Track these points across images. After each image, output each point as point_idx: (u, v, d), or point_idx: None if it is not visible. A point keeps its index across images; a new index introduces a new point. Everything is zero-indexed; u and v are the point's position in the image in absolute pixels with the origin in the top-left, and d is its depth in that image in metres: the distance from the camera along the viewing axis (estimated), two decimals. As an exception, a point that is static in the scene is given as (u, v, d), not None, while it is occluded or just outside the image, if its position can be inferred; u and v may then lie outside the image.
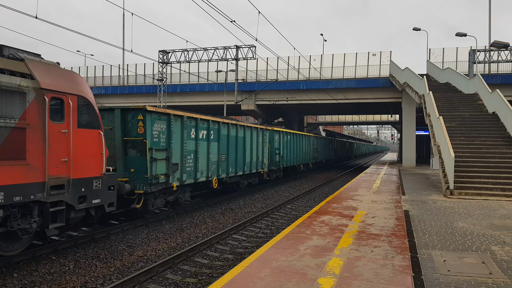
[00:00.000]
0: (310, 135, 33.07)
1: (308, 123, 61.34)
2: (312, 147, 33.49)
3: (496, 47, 20.29)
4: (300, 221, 9.36)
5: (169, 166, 12.34)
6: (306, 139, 31.56)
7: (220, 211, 14.92)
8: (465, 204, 12.08)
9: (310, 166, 34.06)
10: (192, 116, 13.73)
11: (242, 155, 18.29)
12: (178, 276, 7.94)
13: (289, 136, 26.52)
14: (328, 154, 41.95)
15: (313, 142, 34.08)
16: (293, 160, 27.65)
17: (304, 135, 30.76)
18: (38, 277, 7.60)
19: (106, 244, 9.92)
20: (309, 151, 32.51)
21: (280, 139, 24.58)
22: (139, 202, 11.44)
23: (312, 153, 33.81)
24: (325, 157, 39.98)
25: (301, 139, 29.91)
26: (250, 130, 19.35)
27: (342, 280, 5.37)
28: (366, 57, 35.50)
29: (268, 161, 22.07)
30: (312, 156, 33.65)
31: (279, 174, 25.44)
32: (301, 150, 29.75)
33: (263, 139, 21.38)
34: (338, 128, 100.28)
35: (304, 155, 30.61)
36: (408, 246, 7.12)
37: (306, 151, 31.39)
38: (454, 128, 19.15)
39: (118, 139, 11.49)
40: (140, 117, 11.41)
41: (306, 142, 31.44)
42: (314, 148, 34.55)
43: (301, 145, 29.70)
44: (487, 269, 5.92)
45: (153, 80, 39.84)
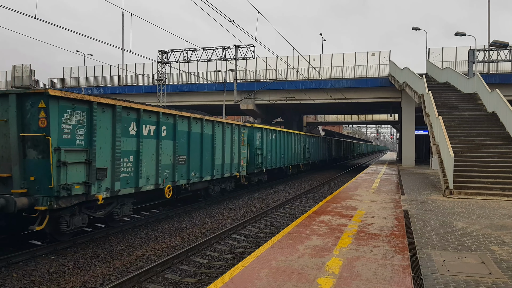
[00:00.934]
0: (300, 133, 30.37)
1: (307, 123, 61.32)
2: (302, 146, 30.82)
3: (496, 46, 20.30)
4: (299, 221, 9.35)
5: (90, 172, 9.36)
6: (296, 138, 28.92)
7: (220, 211, 14.92)
8: (465, 204, 12.08)
9: (300, 168, 31.10)
10: (131, 107, 10.72)
11: (210, 156, 15.27)
12: (178, 276, 7.94)
13: (274, 134, 24.01)
14: (322, 155, 39.36)
15: (304, 142, 31.48)
16: (280, 161, 25.07)
17: (292, 134, 28.05)
18: (37, 277, 7.59)
19: (105, 244, 9.90)
20: (299, 152, 29.90)
21: (262, 137, 22.05)
22: (41, 223, 8.54)
23: (303, 154, 31.12)
24: (318, 158, 37.37)
25: (289, 138, 27.26)
26: (221, 126, 16.17)
27: (341, 280, 5.37)
28: (365, 56, 35.51)
29: (247, 163, 19.23)
30: (302, 156, 31.09)
31: (262, 177, 22.74)
32: (290, 150, 27.25)
33: (240, 138, 18.29)
34: (337, 128, 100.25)
35: (293, 155, 28.11)
36: (407, 246, 7.12)
37: (296, 151, 28.88)
38: (454, 127, 19.15)
39: (14, 135, 8.68)
40: (41, 105, 8.51)
41: (295, 142, 28.85)
42: (305, 148, 31.93)
43: (289, 144, 27.16)
44: (486, 269, 5.92)
45: (152, 80, 39.82)
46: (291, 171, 28.32)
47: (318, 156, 36.85)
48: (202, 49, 31.85)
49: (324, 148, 40.07)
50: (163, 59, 32.47)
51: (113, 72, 42.45)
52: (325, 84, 34.39)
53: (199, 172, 14.52)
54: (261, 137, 21.92)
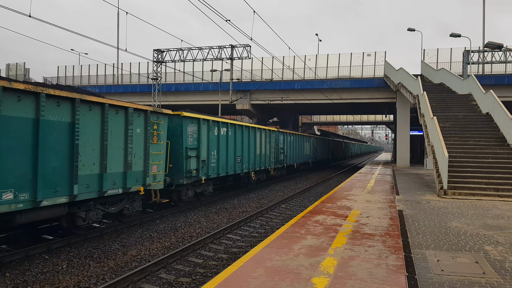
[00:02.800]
0: (272, 130, 24.38)
1: (303, 123, 61.40)
2: (273, 146, 24.42)
3: (490, 48, 20.40)
4: (294, 220, 9.36)
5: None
6: (264, 135, 22.57)
7: (215, 211, 14.89)
8: (459, 204, 12.13)
9: (271, 174, 24.77)
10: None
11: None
12: (172, 275, 7.91)
13: (224, 129, 17.15)
14: (304, 156, 33.63)
15: (277, 140, 25.63)
16: (232, 166, 18.05)
17: (260, 129, 21.89)
18: (30, 276, 7.54)
19: (99, 244, 9.86)
20: (269, 153, 23.61)
21: (200, 133, 14.90)
22: None
23: (275, 155, 24.97)
24: (298, 160, 31.27)
25: (251, 135, 20.44)
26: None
27: (336, 280, 5.37)
28: (361, 57, 35.63)
29: (164, 171, 12.62)
30: (274, 159, 24.74)
31: (202, 189, 15.95)
32: (252, 151, 20.73)
33: (148, 132, 11.61)
34: (333, 128, 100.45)
35: (258, 158, 21.61)
36: (402, 246, 7.14)
37: (264, 152, 22.58)
38: (448, 128, 19.23)
39: None
40: None
41: (263, 140, 22.31)
42: (279, 149, 25.94)
43: (251, 143, 20.40)
44: (480, 269, 5.94)
45: (147, 79, 39.71)
46: (254, 178, 21.47)
47: (297, 158, 30.93)
48: (198, 49, 31.80)
49: (306, 148, 34.42)
50: (158, 58, 32.38)
51: (108, 71, 42.31)
52: (320, 85, 34.44)
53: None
54: (197, 132, 14.82)
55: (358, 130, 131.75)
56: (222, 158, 16.94)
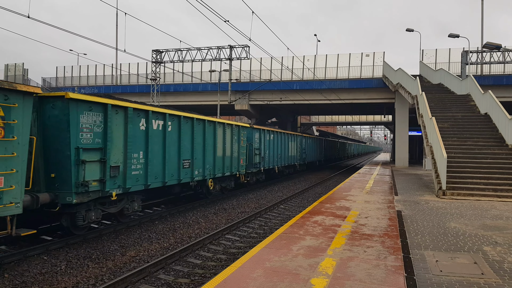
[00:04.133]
0: (243, 126, 19.40)
1: (301, 123, 61.44)
2: (244, 147, 19.63)
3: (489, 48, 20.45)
4: (293, 221, 9.36)
5: None
6: (230, 132, 17.77)
7: (213, 211, 14.89)
8: (457, 205, 12.15)
9: (241, 181, 19.74)
10: None
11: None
12: (171, 276, 7.91)
13: (170, 123, 13.01)
14: (289, 158, 29.07)
15: (250, 139, 21.19)
16: (172, 174, 13.20)
17: (223, 124, 16.98)
18: (29, 277, 7.53)
19: (98, 244, 9.85)
20: (238, 155, 18.69)
21: (110, 127, 10.23)
22: None
23: (247, 158, 20.49)
24: (281, 162, 26.86)
25: (211, 132, 15.89)
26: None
27: (335, 281, 5.37)
28: (360, 57, 35.67)
29: (28, 184, 8.47)
30: (246, 162, 20.24)
31: (125, 207, 11.45)
32: (211, 152, 15.87)
33: None
34: (332, 129, 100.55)
35: (223, 161, 16.98)
36: (400, 247, 7.14)
37: (230, 154, 17.76)
38: (447, 128, 19.26)
39: None
40: None
41: (228, 138, 17.53)
42: (253, 149, 21.22)
43: (209, 142, 15.76)
44: (479, 270, 5.95)
45: (146, 79, 39.69)
46: (214, 188, 16.67)
47: (279, 160, 26.30)
48: (197, 49, 31.80)
49: (292, 148, 29.95)
50: (157, 58, 32.37)
51: (107, 71, 42.27)
52: (319, 85, 34.46)
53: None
54: (102, 124, 10.04)
55: (357, 130, 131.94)
56: (155, 163, 12.00)
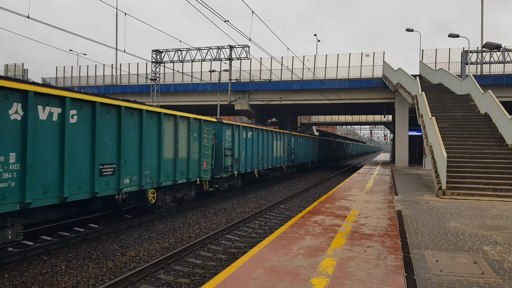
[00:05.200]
0: (206, 120, 15.74)
1: (301, 123, 61.45)
2: (209, 147, 15.82)
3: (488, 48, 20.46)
4: (293, 221, 9.36)
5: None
6: (185, 127, 14.12)
7: (213, 211, 14.89)
8: (457, 204, 12.15)
9: (204, 188, 16.20)
10: None
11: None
12: (171, 276, 7.91)
13: (80, 111, 9.42)
14: (275, 159, 25.29)
15: (219, 137, 17.48)
16: (84, 183, 9.53)
17: (172, 117, 13.28)
18: (29, 277, 7.53)
19: (98, 245, 9.85)
20: (198, 157, 14.93)
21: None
22: None
23: (213, 160, 16.84)
24: (264, 165, 23.16)
25: (153, 127, 12.27)
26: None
27: (335, 280, 5.37)
28: (360, 57, 35.69)
29: None
30: (213, 165, 16.74)
31: None
32: (153, 155, 12.22)
33: None
34: (332, 129, 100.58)
35: (173, 166, 13.31)
36: (400, 246, 7.14)
37: (184, 155, 13.98)
38: (447, 128, 19.26)
39: None
40: None
41: (183, 135, 13.94)
42: (222, 150, 17.48)
43: (156, 141, 12.35)
44: (479, 269, 5.95)
45: (146, 79, 39.69)
46: (159, 201, 12.96)
47: (261, 163, 22.76)
48: (197, 49, 31.81)
49: (279, 148, 26.27)
50: (157, 58, 32.37)
51: (107, 71, 42.28)
52: (319, 85, 34.46)
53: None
54: None
55: (357, 130, 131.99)
56: (42, 169, 8.46)
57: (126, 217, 13.20)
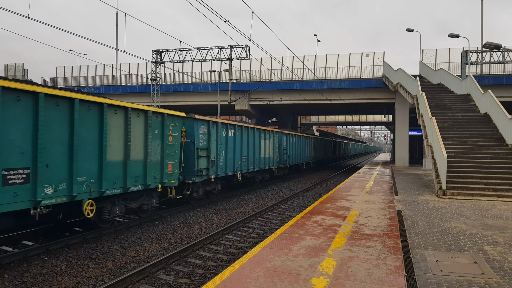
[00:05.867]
0: (169, 114, 12.86)
1: (301, 123, 61.47)
2: (175, 146, 13.27)
3: (488, 48, 20.45)
4: (293, 221, 9.35)
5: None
6: (132, 122, 11.22)
7: (214, 211, 14.89)
8: (458, 204, 12.14)
9: (171, 196, 13.55)
10: None
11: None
12: (171, 276, 7.90)
13: None
14: (261, 161, 22.39)
15: (192, 134, 14.96)
16: None
17: (123, 109, 10.88)
18: (29, 277, 7.53)
19: (98, 245, 9.85)
20: (157, 160, 12.31)
21: None
22: None
23: (180, 163, 14.06)
24: (248, 167, 20.34)
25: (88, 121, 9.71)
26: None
27: (335, 281, 5.37)
28: (360, 57, 35.70)
29: None
30: (179, 168, 13.86)
31: None
32: (100, 155, 10.06)
33: None
34: (332, 129, 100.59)
35: (126, 169, 10.89)
36: (401, 246, 7.14)
37: (142, 157, 11.62)
38: (447, 128, 19.26)
39: None
40: None
41: (135, 134, 11.37)
42: (195, 149, 14.87)
43: (96, 140, 9.97)
44: (479, 269, 5.95)
45: (146, 79, 39.70)
46: (103, 214, 10.67)
47: (245, 164, 20.04)
48: (197, 49, 31.80)
49: (268, 148, 23.76)
50: (157, 59, 32.37)
51: (107, 71, 42.29)
52: (319, 85, 34.46)
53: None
54: None
55: (357, 130, 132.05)
56: None
57: (127, 217, 13.22)
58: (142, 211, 12.66)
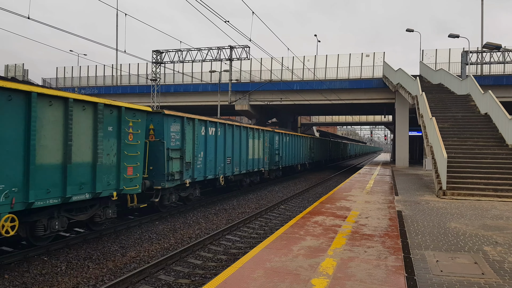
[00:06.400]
0: (127, 108, 10.73)
1: (302, 124, 61.49)
2: (119, 145, 10.50)
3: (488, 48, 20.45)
4: (293, 221, 9.36)
5: None
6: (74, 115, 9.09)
7: (214, 212, 14.89)
8: (458, 205, 12.14)
9: (132, 205, 11.41)
10: None
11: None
12: (171, 277, 7.91)
13: None
14: (249, 163, 20.45)
15: (160, 132, 12.97)
16: None
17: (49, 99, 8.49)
18: (29, 278, 7.53)
19: (98, 245, 9.85)
20: (109, 162, 10.13)
21: None
22: None
23: (145, 166, 12.31)
24: (233, 170, 18.34)
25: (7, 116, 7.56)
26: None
27: (335, 281, 5.37)
28: (360, 58, 35.70)
29: None
30: (143, 172, 12.04)
31: None
32: (25, 156, 7.92)
33: None
34: (332, 129, 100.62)
35: (64, 173, 8.81)
36: (401, 247, 7.14)
37: (91, 158, 9.58)
38: (447, 129, 19.26)
39: None
40: None
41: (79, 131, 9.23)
42: (165, 150, 12.93)
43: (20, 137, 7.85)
44: (479, 270, 5.95)
45: (146, 80, 39.72)
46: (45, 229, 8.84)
47: (229, 167, 18.05)
48: (197, 50, 31.81)
49: (258, 149, 21.87)
50: (157, 59, 32.38)
51: (107, 72, 42.31)
52: (319, 85, 34.47)
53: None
54: None
55: (357, 130, 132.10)
56: None
57: (127, 217, 13.22)
58: (95, 223, 10.64)
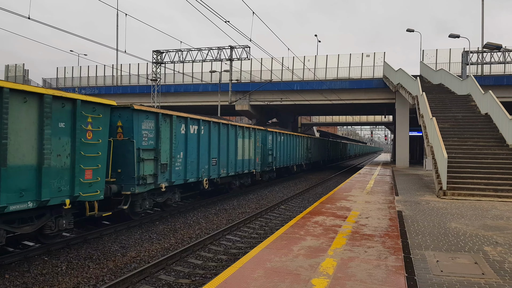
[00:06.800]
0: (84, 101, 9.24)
1: (302, 124, 61.49)
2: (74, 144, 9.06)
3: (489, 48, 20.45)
4: (294, 221, 9.36)
5: None
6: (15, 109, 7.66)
7: (214, 212, 14.90)
8: (458, 205, 12.14)
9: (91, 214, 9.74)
10: None
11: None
12: (172, 277, 7.91)
13: None
14: (238, 164, 19.00)
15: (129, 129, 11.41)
16: None
17: None
18: (30, 278, 7.54)
19: (99, 245, 9.85)
20: (61, 164, 8.80)
21: None
22: None
23: (108, 168, 10.91)
24: (219, 172, 16.87)
25: None
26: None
27: (335, 281, 5.37)
28: (360, 58, 35.71)
29: None
30: (107, 175, 10.75)
31: None
32: None
33: None
34: (332, 129, 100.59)
35: None
36: (401, 247, 7.14)
37: (35, 160, 8.15)
38: (447, 129, 19.25)
39: None
40: None
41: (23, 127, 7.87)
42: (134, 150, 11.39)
43: None
44: (479, 270, 5.95)
45: (146, 80, 39.73)
46: None
47: (215, 168, 16.58)
48: (197, 50, 31.82)
49: (248, 149, 20.40)
50: (158, 59, 32.39)
51: (107, 72, 42.34)
52: (320, 85, 34.47)
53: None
54: None
55: (358, 131, 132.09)
56: None
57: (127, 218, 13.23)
58: (45, 236, 9.18)
